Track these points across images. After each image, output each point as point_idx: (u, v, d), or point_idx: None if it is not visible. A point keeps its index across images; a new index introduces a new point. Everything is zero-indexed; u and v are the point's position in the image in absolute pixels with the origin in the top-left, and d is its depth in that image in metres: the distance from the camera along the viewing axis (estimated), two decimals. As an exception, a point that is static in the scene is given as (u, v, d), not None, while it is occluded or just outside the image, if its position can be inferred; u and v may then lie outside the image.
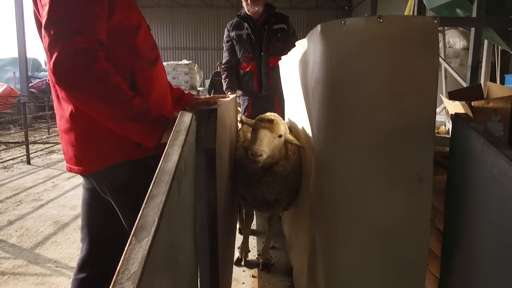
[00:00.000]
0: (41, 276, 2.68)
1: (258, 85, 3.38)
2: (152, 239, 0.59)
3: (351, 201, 1.14)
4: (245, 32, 3.32)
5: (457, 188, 1.07)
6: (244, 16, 3.33)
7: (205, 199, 1.10)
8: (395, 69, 1.03)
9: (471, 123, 0.99)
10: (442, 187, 1.17)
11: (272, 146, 1.64)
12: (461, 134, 1.04)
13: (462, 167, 1.03)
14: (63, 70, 1.07)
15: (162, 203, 0.67)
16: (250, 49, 3.33)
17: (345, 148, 1.12)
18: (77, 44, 1.07)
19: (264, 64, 3.32)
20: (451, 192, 1.10)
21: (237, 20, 3.38)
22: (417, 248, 1.09)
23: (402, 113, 1.05)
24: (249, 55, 3.34)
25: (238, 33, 3.36)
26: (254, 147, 1.57)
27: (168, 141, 0.86)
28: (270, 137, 1.63)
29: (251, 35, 3.30)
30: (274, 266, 2.17)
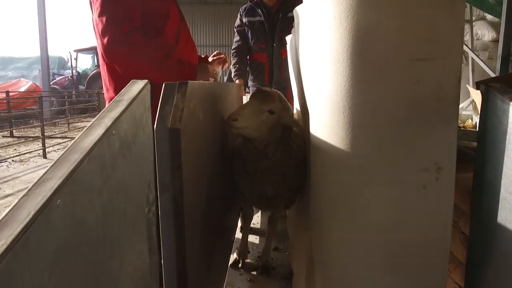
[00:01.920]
0: None
1: (269, 77, 3.17)
2: (13, 243, 0.39)
3: (350, 197, 0.91)
4: (258, 19, 3.09)
5: (488, 181, 0.82)
6: (258, 1, 3.11)
7: (169, 191, 0.89)
8: (408, 27, 0.80)
9: (509, 95, 0.74)
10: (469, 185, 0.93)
11: (257, 119, 1.45)
12: (494, 111, 0.79)
13: (495, 155, 0.78)
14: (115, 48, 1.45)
15: (52, 190, 0.47)
16: (262, 39, 3.11)
17: (342, 130, 0.89)
18: (124, 29, 1.43)
19: (276, 56, 3.10)
20: (479, 187, 0.85)
21: (250, 5, 3.16)
22: (435, 254, 0.85)
23: (416, 84, 0.81)
24: (261, 45, 3.13)
25: (251, 20, 3.14)
26: (233, 112, 1.43)
27: (101, 112, 0.66)
28: (256, 108, 1.46)
29: (264, 23, 3.07)
30: (275, 270, 1.95)
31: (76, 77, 14.03)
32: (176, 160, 0.89)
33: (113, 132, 0.63)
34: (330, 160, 0.93)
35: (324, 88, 0.92)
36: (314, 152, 1.03)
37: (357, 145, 0.87)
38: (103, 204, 0.60)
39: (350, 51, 0.85)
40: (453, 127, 0.81)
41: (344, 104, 0.87)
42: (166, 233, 0.91)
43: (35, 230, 0.42)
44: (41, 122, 6.45)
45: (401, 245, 0.86)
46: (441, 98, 0.80)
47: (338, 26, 0.85)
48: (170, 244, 0.91)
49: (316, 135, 0.99)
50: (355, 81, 0.85)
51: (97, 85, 13.33)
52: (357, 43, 0.84)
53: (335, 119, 0.90)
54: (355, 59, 0.84)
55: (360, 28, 0.83)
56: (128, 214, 0.71)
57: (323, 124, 0.95)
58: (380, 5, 0.81)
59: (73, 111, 11.85)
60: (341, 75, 0.87)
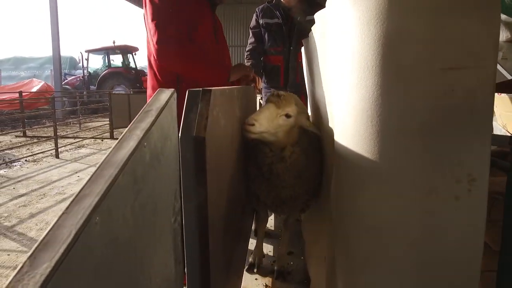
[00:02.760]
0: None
1: (284, 81, 3.12)
2: (57, 265, 0.39)
3: (378, 208, 0.89)
4: (276, 21, 3.04)
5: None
6: (276, 3, 3.06)
7: (193, 200, 0.88)
8: (440, 34, 0.78)
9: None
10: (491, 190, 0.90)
11: (273, 123, 1.45)
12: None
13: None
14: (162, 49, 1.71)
15: (91, 207, 0.46)
16: (279, 42, 3.05)
17: (368, 139, 0.87)
18: (169, 32, 1.70)
19: (292, 59, 3.04)
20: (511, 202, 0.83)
21: (268, 5, 3.10)
22: (466, 267, 0.83)
23: (448, 93, 0.78)
24: (278, 48, 3.07)
25: (268, 22, 3.07)
26: (250, 116, 1.43)
27: (131, 123, 0.66)
28: (272, 112, 1.45)
29: (282, 26, 3.01)
30: (291, 275, 1.94)
31: (87, 78, 14.18)
32: (201, 168, 0.88)
33: (144, 144, 0.62)
34: (357, 169, 0.92)
35: (351, 96, 0.90)
36: (338, 160, 1.01)
37: (386, 154, 0.85)
38: (135, 218, 0.59)
39: (379, 58, 0.83)
40: (486, 137, 0.78)
41: (372, 113, 0.86)
42: (190, 243, 0.90)
43: (77, 250, 0.42)
44: (54, 122, 6.52)
45: (432, 257, 0.84)
46: (474, 108, 0.78)
47: (367, 33, 0.84)
48: (194, 253, 0.91)
49: (342, 143, 0.98)
50: (385, 89, 0.83)
51: (108, 85, 13.46)
52: (387, 50, 0.82)
53: (362, 128, 0.88)
54: (384, 67, 0.83)
55: (390, 35, 0.81)
56: (157, 226, 0.71)
57: (349, 132, 0.93)
58: (411, 11, 0.79)
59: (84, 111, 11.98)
60: (369, 83, 0.85)
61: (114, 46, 14.08)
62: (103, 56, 14.47)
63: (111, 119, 8.25)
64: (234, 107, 1.44)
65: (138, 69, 14.76)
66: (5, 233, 3.35)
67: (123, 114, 8.60)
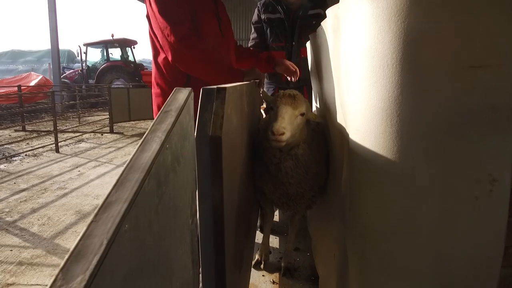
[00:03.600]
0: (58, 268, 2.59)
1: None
2: (91, 277, 0.38)
3: (396, 209, 0.88)
4: (278, 17, 2.99)
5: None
6: None
7: (209, 201, 0.87)
8: (462, 32, 0.76)
9: None
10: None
11: (294, 125, 1.45)
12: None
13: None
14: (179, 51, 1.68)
15: (121, 215, 0.45)
16: (282, 37, 3.01)
17: (387, 138, 0.86)
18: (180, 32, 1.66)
19: (295, 55, 3.00)
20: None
21: (269, 0, 3.05)
22: (486, 268, 0.82)
23: (470, 92, 0.77)
24: (280, 44, 3.04)
25: (270, 17, 3.03)
26: (275, 124, 1.39)
27: (151, 124, 0.64)
28: (291, 114, 1.44)
29: (284, 21, 2.98)
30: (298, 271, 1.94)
31: (86, 71, 14.08)
32: (218, 168, 0.87)
33: (166, 146, 0.61)
34: (375, 168, 0.91)
35: (369, 95, 0.89)
36: (354, 159, 1.00)
37: (405, 154, 0.84)
38: (158, 222, 0.58)
39: (399, 57, 0.81)
40: (509, 137, 0.77)
41: (392, 112, 0.84)
42: (207, 243, 0.90)
43: (109, 260, 0.41)
44: (54, 117, 6.47)
45: (450, 259, 0.84)
46: (496, 107, 0.77)
47: (387, 30, 0.82)
48: (211, 254, 0.90)
49: (358, 142, 0.97)
50: (405, 88, 0.82)
51: (107, 79, 13.37)
52: (407, 48, 0.80)
53: (381, 127, 0.87)
54: (404, 65, 0.81)
55: (410, 33, 0.80)
56: (177, 228, 0.70)
57: (367, 131, 0.92)
58: (432, 9, 0.78)
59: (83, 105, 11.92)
60: (389, 81, 0.83)
61: (112, 39, 13.95)
62: (101, 50, 14.35)
63: (111, 113, 8.21)
64: (243, 104, 1.42)
65: (137, 63, 14.66)
66: (7, 228, 3.34)
67: (123, 108, 8.56)
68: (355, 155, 0.98)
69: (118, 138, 7.75)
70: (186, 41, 1.66)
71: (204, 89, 0.93)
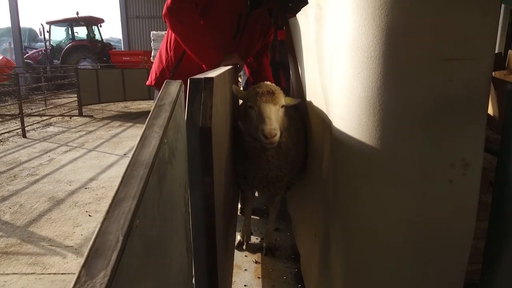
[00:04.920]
0: (35, 256, 2.55)
1: None
2: (113, 272, 0.40)
3: (376, 192, 0.94)
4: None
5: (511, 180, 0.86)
6: None
7: (199, 189, 0.90)
8: (441, 26, 0.80)
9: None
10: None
11: (280, 121, 1.48)
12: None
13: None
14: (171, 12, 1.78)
15: (132, 211, 0.46)
16: None
17: (370, 126, 0.91)
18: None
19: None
20: (502, 180, 0.89)
21: None
22: (457, 249, 0.90)
23: (447, 83, 0.82)
24: None
25: None
26: (266, 128, 1.40)
27: (147, 119, 0.65)
28: (275, 112, 1.47)
29: None
30: (279, 250, 2.01)
31: (50, 51, 13.41)
32: (208, 157, 0.89)
33: (164, 141, 0.62)
34: (358, 155, 0.95)
35: (353, 85, 0.93)
36: (337, 146, 1.05)
37: (387, 142, 0.89)
38: (160, 215, 0.60)
39: (382, 49, 0.85)
40: (481, 125, 0.83)
41: (374, 102, 0.89)
42: (198, 229, 0.92)
43: (127, 255, 0.43)
44: (19, 100, 6.19)
45: (427, 237, 0.91)
46: (471, 98, 0.83)
47: (371, 23, 0.85)
48: (202, 239, 0.93)
49: (342, 130, 1.01)
50: (387, 79, 0.86)
51: (72, 59, 12.82)
52: (390, 41, 0.84)
53: (365, 116, 0.91)
54: (387, 57, 0.85)
55: (393, 27, 0.83)
56: (173, 219, 0.72)
57: (351, 120, 0.96)
58: (414, 3, 0.81)
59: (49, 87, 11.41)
60: (372, 72, 0.87)
61: (77, 17, 13.31)
62: (66, 28, 13.68)
63: (79, 96, 7.93)
64: (227, 91, 1.43)
65: (105, 42, 14.10)
66: (-23, 217, 3.23)
67: (92, 90, 8.27)
68: (339, 142, 1.03)
69: (88, 122, 7.53)
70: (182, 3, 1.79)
71: (192, 80, 0.94)
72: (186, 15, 1.80)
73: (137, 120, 7.67)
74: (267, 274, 1.82)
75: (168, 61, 2.04)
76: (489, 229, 0.92)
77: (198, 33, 1.83)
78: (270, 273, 1.83)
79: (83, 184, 3.94)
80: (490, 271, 0.92)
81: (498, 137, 1.73)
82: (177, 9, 1.79)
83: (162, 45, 2.15)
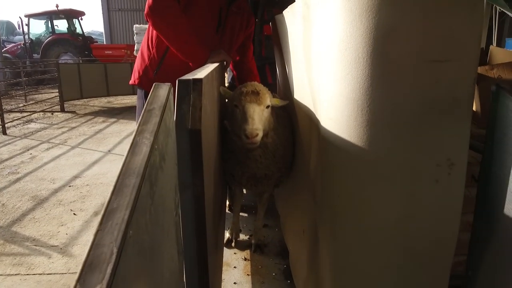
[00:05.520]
0: (19, 256, 2.50)
1: None
2: (108, 285, 0.39)
3: (364, 191, 0.95)
4: None
5: (495, 175, 0.88)
6: None
7: (190, 192, 0.89)
8: (427, 29, 0.82)
9: (522, 98, 0.80)
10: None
11: (263, 121, 1.48)
12: (505, 112, 0.84)
13: (504, 152, 0.84)
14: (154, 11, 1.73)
15: (125, 222, 0.46)
16: None
17: (358, 127, 0.92)
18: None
19: (257, 32, 2.99)
20: (486, 179, 0.92)
21: None
22: (442, 247, 0.92)
23: (433, 84, 0.84)
24: None
25: None
26: (247, 127, 1.41)
27: (137, 124, 0.64)
28: (259, 112, 1.47)
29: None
30: (268, 247, 2.03)
31: (29, 45, 13.04)
32: (198, 159, 0.89)
33: (155, 147, 0.62)
34: (346, 155, 0.97)
35: (341, 86, 0.93)
36: (326, 146, 1.06)
37: (375, 142, 0.91)
38: (151, 222, 0.60)
39: (370, 50, 0.86)
40: (466, 125, 0.85)
41: (362, 103, 0.90)
42: (189, 231, 0.92)
43: (121, 267, 0.42)
44: (-2, 96, 6.02)
45: (414, 234, 0.93)
46: (457, 98, 0.84)
47: (359, 25, 0.86)
48: (193, 241, 0.93)
49: (331, 130, 1.02)
50: (375, 80, 0.87)
51: (53, 53, 12.50)
52: (378, 43, 0.85)
53: (353, 117, 0.92)
54: (375, 58, 0.86)
55: (380, 28, 0.84)
56: (165, 223, 0.72)
57: (339, 120, 0.97)
58: (401, 6, 0.82)
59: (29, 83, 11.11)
60: (360, 74, 0.88)
61: (57, 10, 12.96)
62: (45, 21, 13.29)
63: (61, 91, 7.75)
64: (214, 90, 1.43)
65: (86, 35, 13.78)
66: (-43, 218, 3.14)
67: (74, 85, 8.08)
68: (327, 142, 1.04)
69: (71, 118, 7.37)
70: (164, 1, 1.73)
71: (180, 81, 0.93)
72: (169, 13, 1.75)
73: (121, 116, 7.56)
74: (256, 271, 1.84)
75: (150, 59, 1.99)
76: (474, 226, 0.95)
77: (182, 31, 1.78)
78: (259, 270, 1.84)
79: (67, 182, 3.87)
80: (475, 267, 0.95)
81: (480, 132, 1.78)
82: (160, 8, 1.73)
83: (143, 42, 2.09)
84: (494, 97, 0.88)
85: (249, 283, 1.77)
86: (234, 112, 1.56)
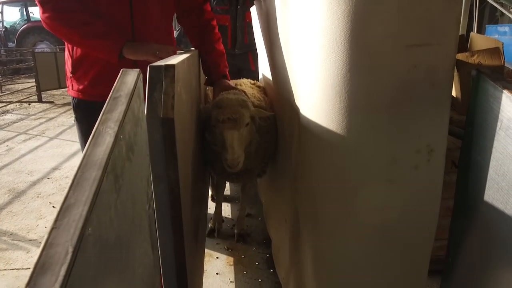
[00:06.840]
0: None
1: (232, 42, 3.00)
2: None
3: (345, 178, 0.94)
4: None
5: (475, 162, 0.88)
6: None
7: (164, 183, 0.86)
8: (405, 12, 0.79)
9: (501, 82, 0.78)
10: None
11: (243, 143, 1.49)
12: (485, 97, 0.83)
13: (484, 138, 0.83)
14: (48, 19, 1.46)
15: (83, 218, 0.43)
16: (226, 0, 2.91)
17: (336, 113, 0.90)
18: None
19: (240, 19, 2.92)
20: (466, 165, 0.91)
21: None
22: (423, 232, 0.92)
23: (411, 69, 0.82)
24: (225, 7, 2.92)
25: None
26: (229, 157, 1.43)
27: (101, 114, 0.60)
28: (239, 137, 1.45)
29: None
30: (251, 236, 2.02)
31: (3, 33, 12.55)
32: (171, 150, 0.85)
33: (120, 137, 0.58)
34: (325, 142, 0.95)
35: (319, 71, 0.91)
36: (305, 132, 1.04)
37: (353, 128, 0.89)
38: (118, 217, 0.56)
39: (348, 35, 0.83)
40: (445, 111, 0.84)
41: (340, 89, 0.87)
42: (164, 224, 0.89)
43: (77, 268, 0.39)
44: (-29, 87, 5.78)
45: (394, 220, 0.92)
46: (435, 83, 0.83)
47: (337, 9, 0.83)
48: (168, 235, 0.90)
49: (309, 117, 0.99)
50: (353, 65, 0.85)
51: (29, 42, 12.08)
52: (355, 27, 0.82)
53: (331, 103, 0.90)
54: (352, 43, 0.83)
55: (358, 12, 0.81)
56: (135, 217, 0.68)
57: (317, 107, 0.95)
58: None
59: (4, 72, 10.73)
60: (338, 59, 0.86)
61: (32, -4, 12.49)
62: (20, 8, 12.80)
63: (37, 81, 7.50)
64: (191, 78, 1.38)
65: (63, 23, 13.33)
66: None
67: (51, 74, 7.84)
68: (306, 128, 1.01)
69: (49, 108, 7.17)
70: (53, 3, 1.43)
71: (151, 67, 0.89)
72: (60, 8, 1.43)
73: (101, 106, 7.38)
74: (239, 261, 1.82)
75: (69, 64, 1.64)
76: (454, 212, 0.94)
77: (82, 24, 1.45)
78: (242, 260, 1.83)
79: (45, 174, 3.77)
80: (455, 253, 0.95)
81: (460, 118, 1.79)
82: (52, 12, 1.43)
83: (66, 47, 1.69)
84: (474, 82, 0.87)
85: (231, 273, 1.76)
86: (215, 132, 1.54)
